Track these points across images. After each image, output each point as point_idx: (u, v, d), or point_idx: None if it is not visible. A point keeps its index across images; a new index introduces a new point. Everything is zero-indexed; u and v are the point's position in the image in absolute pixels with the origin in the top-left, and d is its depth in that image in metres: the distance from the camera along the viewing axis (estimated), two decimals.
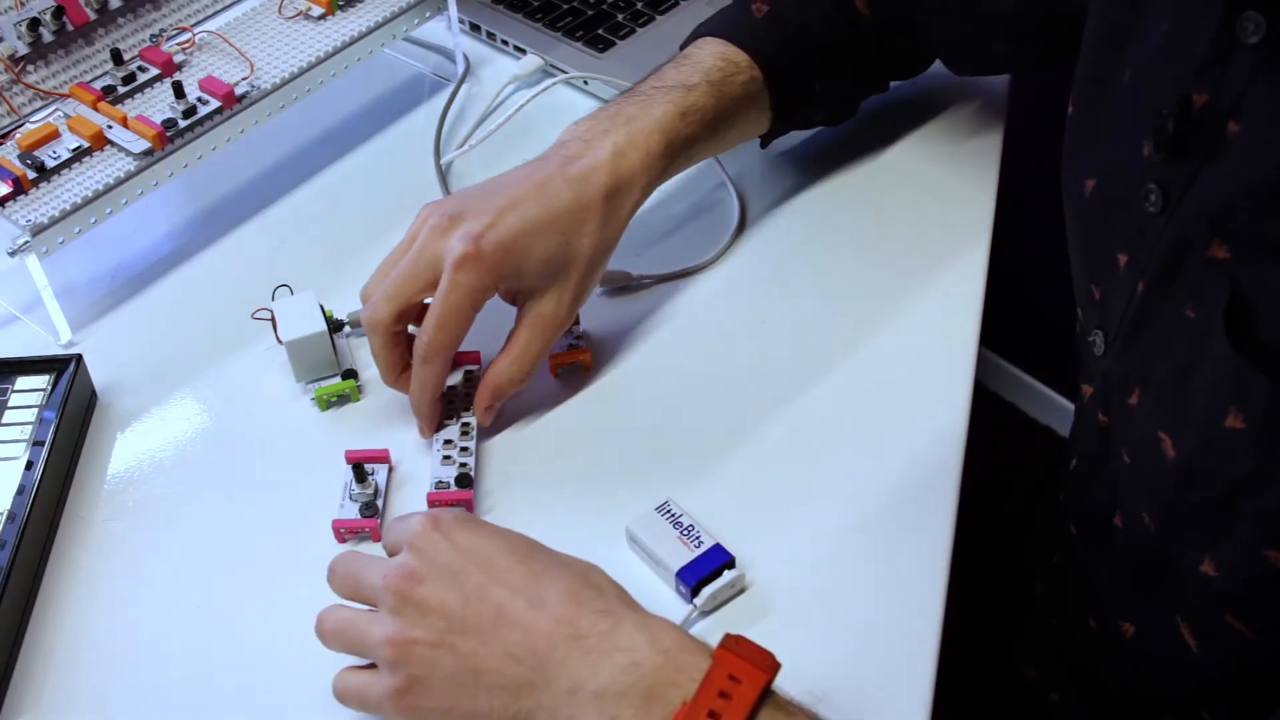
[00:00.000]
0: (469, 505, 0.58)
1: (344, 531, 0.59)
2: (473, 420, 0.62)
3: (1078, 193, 0.59)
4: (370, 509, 0.60)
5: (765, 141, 0.77)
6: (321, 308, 0.66)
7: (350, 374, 0.66)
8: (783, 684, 0.48)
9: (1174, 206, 0.50)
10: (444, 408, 0.63)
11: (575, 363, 0.66)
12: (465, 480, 0.59)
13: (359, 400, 0.66)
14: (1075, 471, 0.64)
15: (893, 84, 0.81)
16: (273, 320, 0.66)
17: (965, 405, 0.65)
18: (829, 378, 0.67)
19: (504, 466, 0.62)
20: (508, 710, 0.47)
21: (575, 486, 0.62)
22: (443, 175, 0.79)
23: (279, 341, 0.65)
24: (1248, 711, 0.55)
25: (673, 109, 0.66)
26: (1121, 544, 0.58)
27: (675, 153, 0.66)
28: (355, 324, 0.68)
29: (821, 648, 0.55)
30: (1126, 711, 0.64)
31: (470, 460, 0.60)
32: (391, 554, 0.52)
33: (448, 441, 0.61)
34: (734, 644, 0.46)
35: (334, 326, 0.67)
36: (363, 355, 0.67)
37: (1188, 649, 0.54)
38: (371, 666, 0.50)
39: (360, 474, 0.60)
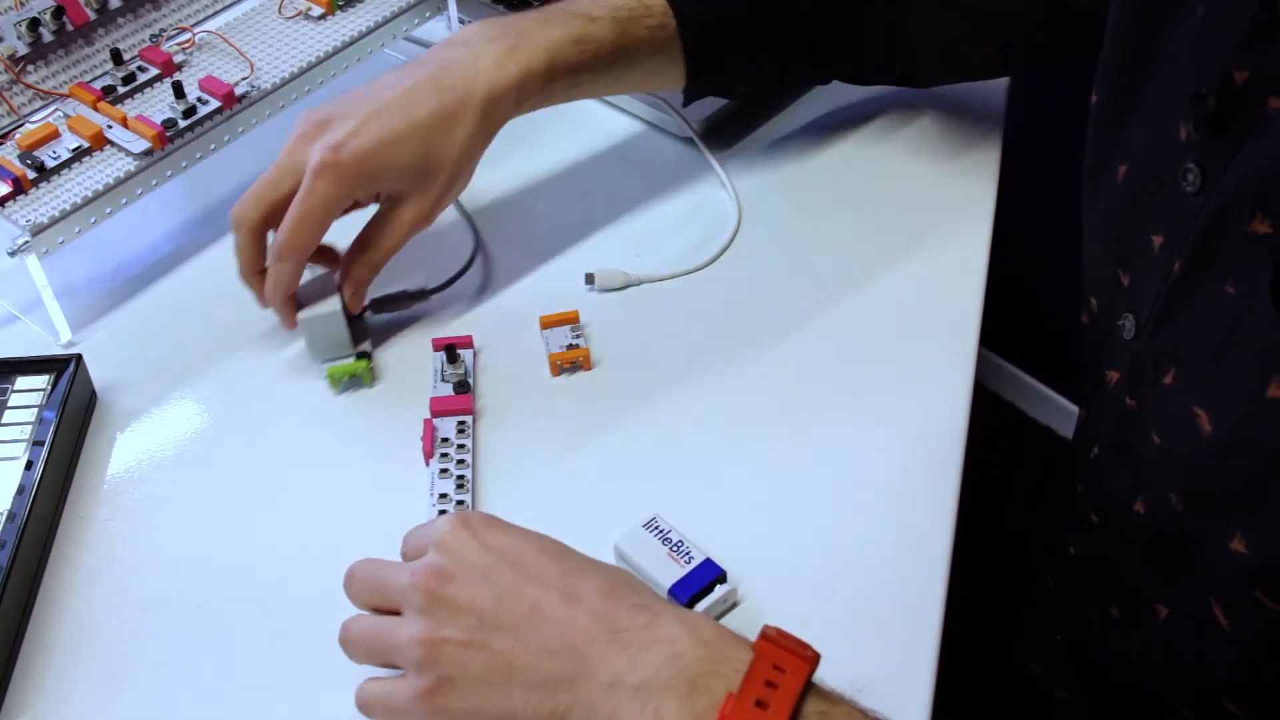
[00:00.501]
0: None
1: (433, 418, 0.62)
2: (468, 473, 0.61)
3: (1107, 180, 0.59)
4: (463, 386, 0.64)
5: (686, 98, 0.76)
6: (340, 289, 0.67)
7: (364, 355, 0.67)
8: None
9: (1213, 185, 0.50)
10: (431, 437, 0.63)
11: (575, 361, 0.66)
12: None
13: (371, 384, 0.66)
14: (1097, 459, 0.63)
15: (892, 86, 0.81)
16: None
17: (965, 405, 0.65)
18: (827, 378, 0.67)
19: (498, 507, 0.62)
20: (543, 707, 0.46)
21: (565, 510, 0.60)
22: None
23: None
24: (1273, 696, 0.55)
25: (567, 34, 0.66)
26: (1147, 528, 0.58)
27: (557, 76, 0.66)
28: (375, 304, 0.69)
29: (820, 656, 0.55)
30: (1138, 704, 0.63)
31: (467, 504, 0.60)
32: (413, 558, 0.51)
33: (443, 495, 0.60)
34: (775, 635, 0.46)
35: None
36: (379, 338, 0.69)
37: (1220, 629, 0.54)
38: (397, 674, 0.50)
39: (452, 355, 0.64)
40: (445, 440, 0.62)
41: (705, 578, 0.55)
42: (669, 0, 0.70)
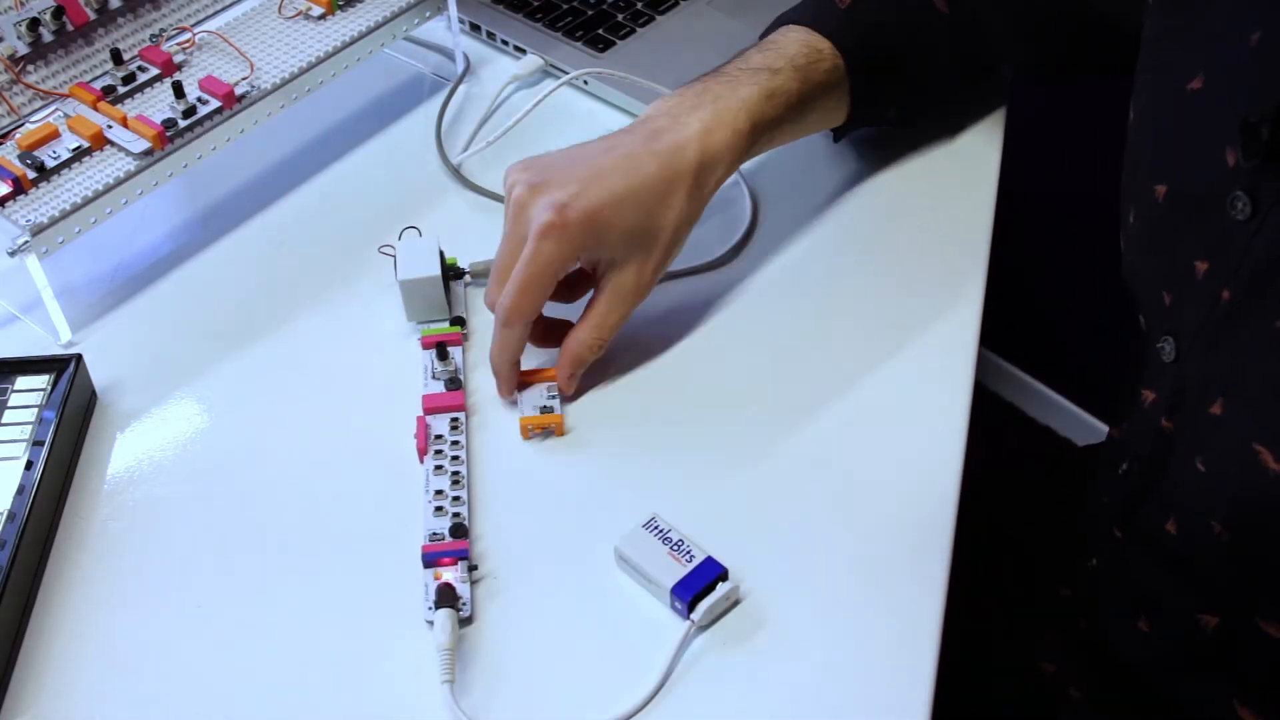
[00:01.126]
0: (465, 555, 0.58)
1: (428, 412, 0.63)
2: (463, 469, 0.61)
3: (1146, 198, 0.58)
4: (455, 383, 0.64)
5: (838, 134, 0.77)
6: (443, 254, 0.68)
7: (458, 320, 0.69)
8: (781, 688, 0.48)
9: (1264, 214, 0.50)
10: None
11: (547, 427, 0.64)
12: (460, 530, 0.58)
13: (463, 345, 0.68)
14: (1126, 475, 0.63)
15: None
16: (394, 258, 0.69)
17: (965, 405, 0.65)
18: (827, 379, 0.67)
19: (496, 511, 0.62)
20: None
21: (563, 513, 0.61)
22: (455, 172, 0.79)
23: (396, 280, 0.68)
24: None
25: (759, 90, 0.67)
26: (1180, 548, 0.57)
27: (759, 133, 0.67)
28: (476, 274, 0.71)
29: (820, 654, 0.55)
30: (1156, 706, 0.63)
31: (463, 509, 0.60)
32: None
33: (439, 492, 0.60)
34: None
35: (454, 274, 0.70)
36: (475, 303, 0.70)
37: (1268, 639, 0.54)
38: None
39: (442, 353, 0.65)
40: (439, 437, 0.62)
41: (707, 576, 0.55)
42: (832, 40, 0.71)
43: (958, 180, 0.78)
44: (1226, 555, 0.55)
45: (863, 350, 0.68)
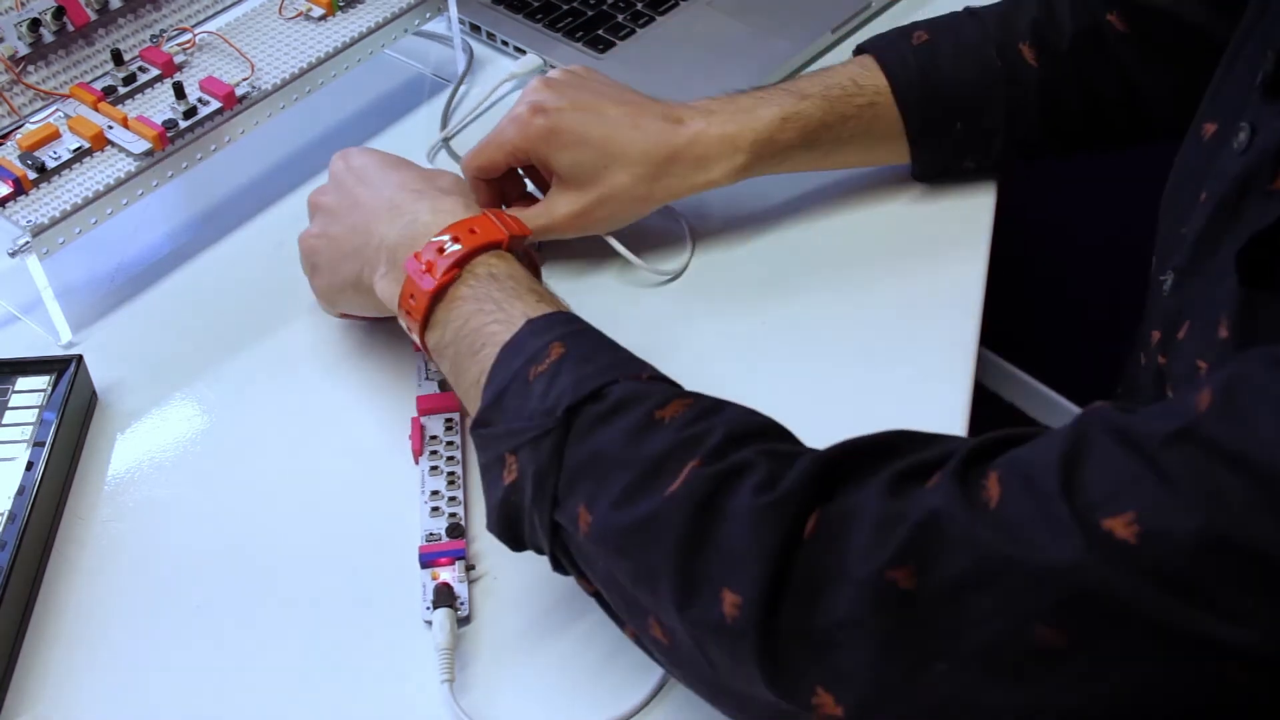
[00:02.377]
0: (463, 555, 0.58)
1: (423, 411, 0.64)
2: (459, 469, 0.61)
3: (1196, 138, 0.59)
4: (448, 384, 0.63)
5: (917, 174, 0.76)
6: None
7: None
8: None
9: (1253, 144, 0.50)
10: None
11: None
12: (456, 530, 0.58)
13: None
14: None
15: None
16: None
17: (965, 405, 0.65)
18: (827, 378, 0.67)
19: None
20: (354, 271, 0.61)
21: None
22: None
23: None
24: None
25: (776, 113, 0.69)
26: None
27: (762, 155, 0.69)
28: None
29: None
30: None
31: (459, 509, 0.60)
32: None
33: (435, 493, 0.60)
34: (493, 212, 0.60)
35: None
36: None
37: None
38: None
39: None
40: (434, 438, 0.63)
41: None
42: (888, 74, 0.71)
43: (958, 181, 0.78)
44: None
45: (863, 350, 0.68)
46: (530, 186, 0.73)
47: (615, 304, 0.71)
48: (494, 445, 0.51)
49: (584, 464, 0.48)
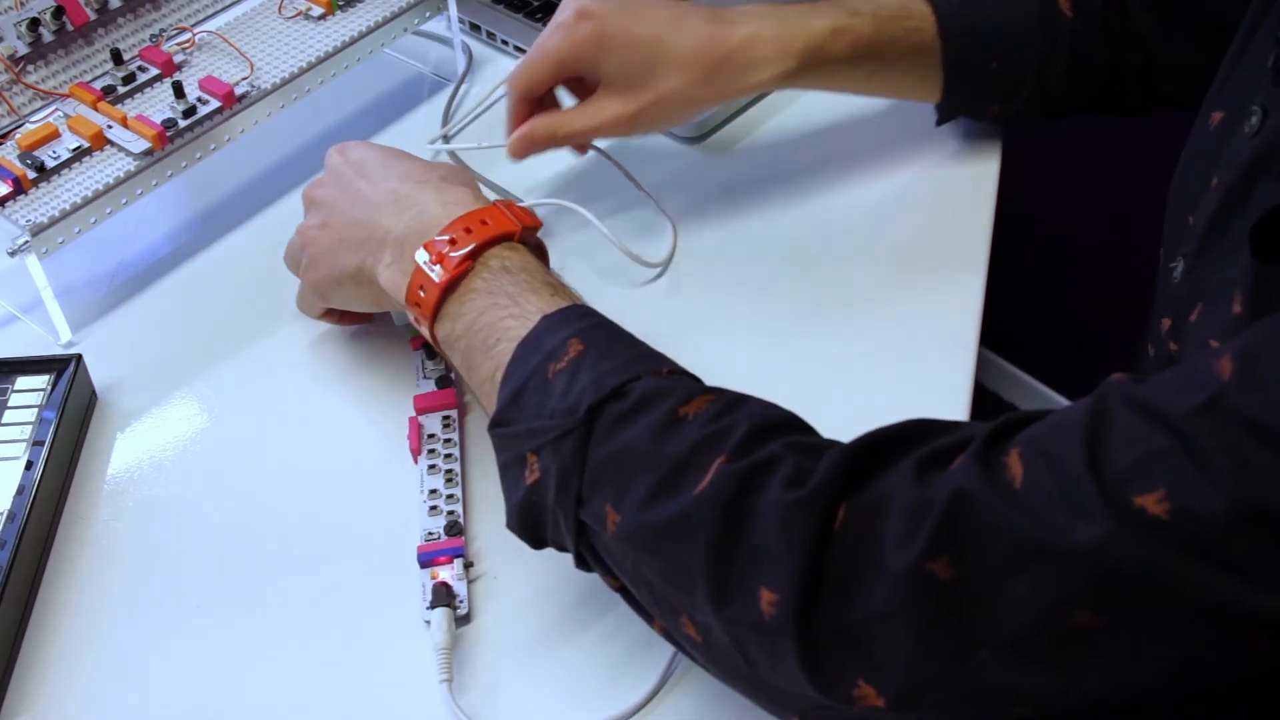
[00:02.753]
0: (461, 553, 0.58)
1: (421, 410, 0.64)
2: (457, 467, 0.61)
3: (1204, 126, 0.59)
4: (445, 381, 0.65)
5: (941, 116, 0.77)
6: None
7: None
8: None
9: (1264, 127, 0.51)
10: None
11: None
12: (455, 529, 0.58)
13: None
14: None
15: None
16: None
17: (965, 405, 0.65)
18: (827, 378, 0.67)
19: (491, 509, 0.61)
20: (355, 262, 0.60)
21: None
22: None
23: None
24: None
25: (828, 24, 0.69)
26: None
27: (811, 63, 0.69)
28: None
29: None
30: None
31: (458, 508, 0.60)
32: None
33: (433, 491, 0.60)
34: (504, 202, 0.59)
35: None
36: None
37: None
38: None
39: (431, 352, 0.66)
40: (432, 436, 0.63)
41: None
42: (934, 2, 0.71)
43: (958, 180, 0.78)
44: None
45: (863, 350, 0.68)
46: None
47: (600, 306, 0.71)
48: (514, 444, 0.51)
49: (608, 463, 0.48)
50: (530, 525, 0.52)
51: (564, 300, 0.55)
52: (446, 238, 0.56)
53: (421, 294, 0.56)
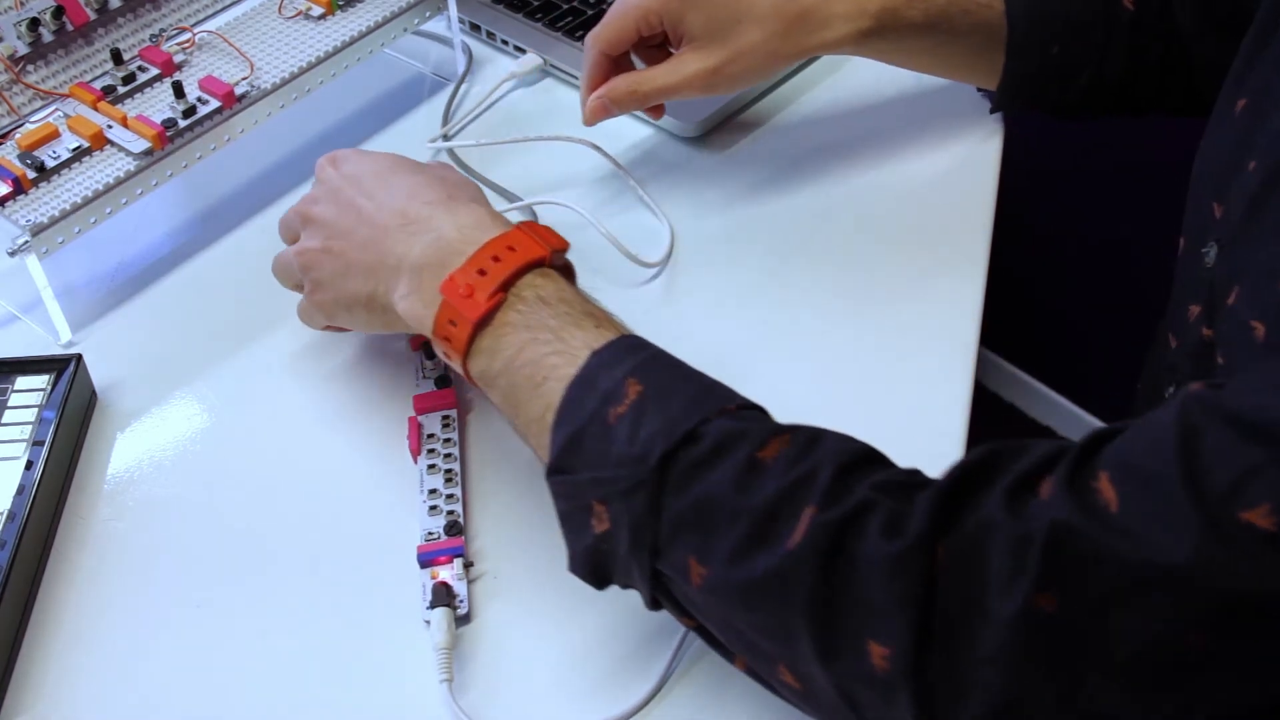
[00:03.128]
0: (461, 553, 0.58)
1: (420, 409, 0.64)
2: (456, 467, 0.61)
3: (1227, 115, 0.59)
4: (444, 381, 0.65)
5: (998, 100, 0.78)
6: None
7: None
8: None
9: None
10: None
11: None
12: (454, 528, 0.58)
13: None
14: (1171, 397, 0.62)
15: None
16: None
17: (965, 405, 0.65)
18: (827, 378, 0.67)
19: (491, 509, 0.62)
20: (366, 290, 0.58)
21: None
22: (463, 166, 0.80)
23: None
24: None
25: None
26: None
27: (885, 26, 0.70)
28: None
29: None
30: None
31: (457, 507, 0.60)
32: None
33: (433, 491, 0.60)
34: (528, 224, 0.56)
35: None
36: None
37: None
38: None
39: (430, 351, 0.65)
40: (431, 436, 0.63)
41: None
42: None
43: (958, 180, 0.78)
44: None
45: (863, 350, 0.68)
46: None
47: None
48: (578, 494, 0.49)
49: (688, 514, 0.46)
50: (596, 571, 0.50)
51: (609, 331, 0.52)
52: (473, 266, 0.53)
53: (452, 328, 0.53)
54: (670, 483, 0.46)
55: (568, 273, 0.58)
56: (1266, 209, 0.51)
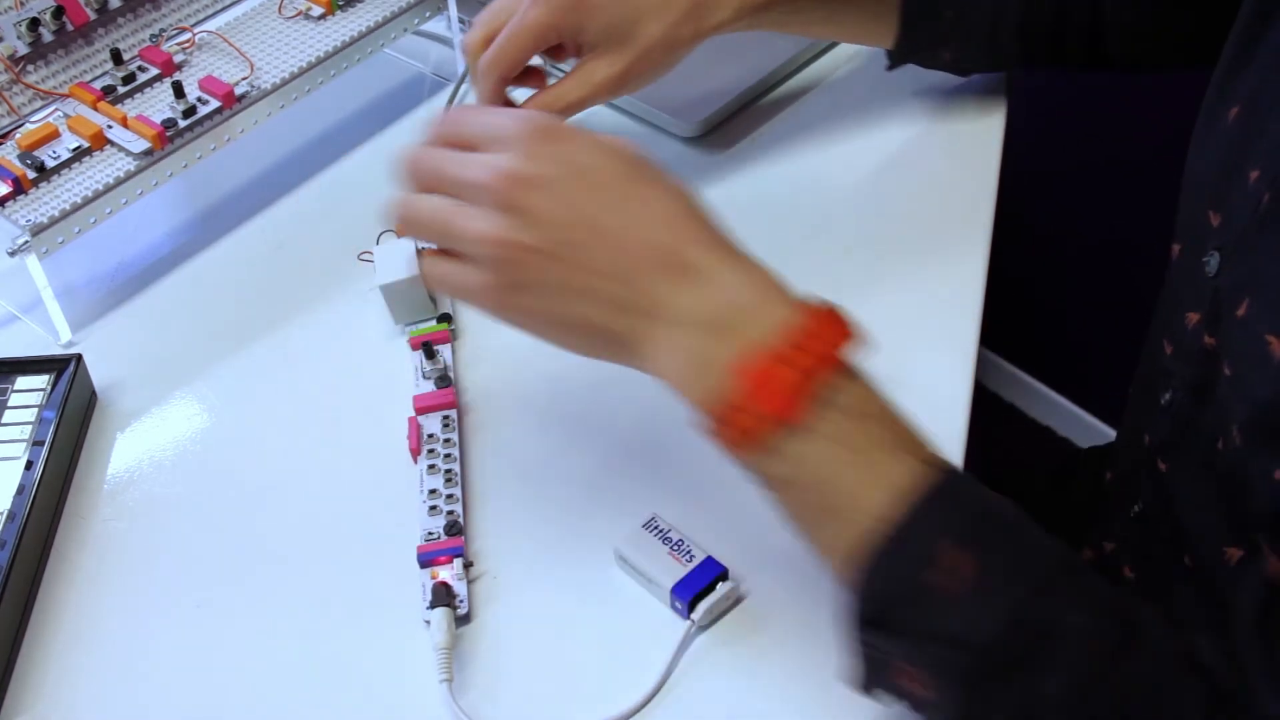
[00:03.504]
0: (461, 553, 0.58)
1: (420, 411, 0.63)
2: (456, 467, 0.61)
3: (1217, 126, 0.59)
4: (444, 381, 0.65)
5: (894, 58, 0.79)
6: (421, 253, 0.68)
7: (445, 318, 0.69)
8: (782, 687, 0.48)
9: None
10: None
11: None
12: (454, 529, 0.58)
13: (448, 344, 0.68)
14: (1171, 404, 0.61)
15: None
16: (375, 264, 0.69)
17: (965, 405, 0.65)
18: None
19: (491, 509, 0.62)
20: (601, 321, 0.50)
21: (561, 514, 0.61)
22: None
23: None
24: None
25: None
26: (1219, 468, 0.56)
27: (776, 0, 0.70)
28: None
29: (821, 653, 0.55)
30: None
31: (457, 508, 0.60)
32: (468, 146, 0.53)
33: (433, 491, 0.60)
34: (823, 306, 0.49)
35: None
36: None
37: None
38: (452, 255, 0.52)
39: (430, 352, 0.65)
40: (431, 437, 0.63)
41: (707, 576, 0.55)
42: None
43: (958, 180, 0.78)
44: (1238, 468, 0.53)
45: (862, 351, 0.68)
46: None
47: None
48: (894, 654, 0.47)
49: (1024, 712, 0.45)
50: (895, 696, 0.49)
51: (913, 459, 0.48)
52: (774, 352, 0.47)
53: (742, 416, 0.47)
54: (1004, 672, 0.45)
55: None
56: (1275, 220, 0.51)
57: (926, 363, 0.67)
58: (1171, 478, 0.62)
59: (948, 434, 0.63)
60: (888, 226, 0.75)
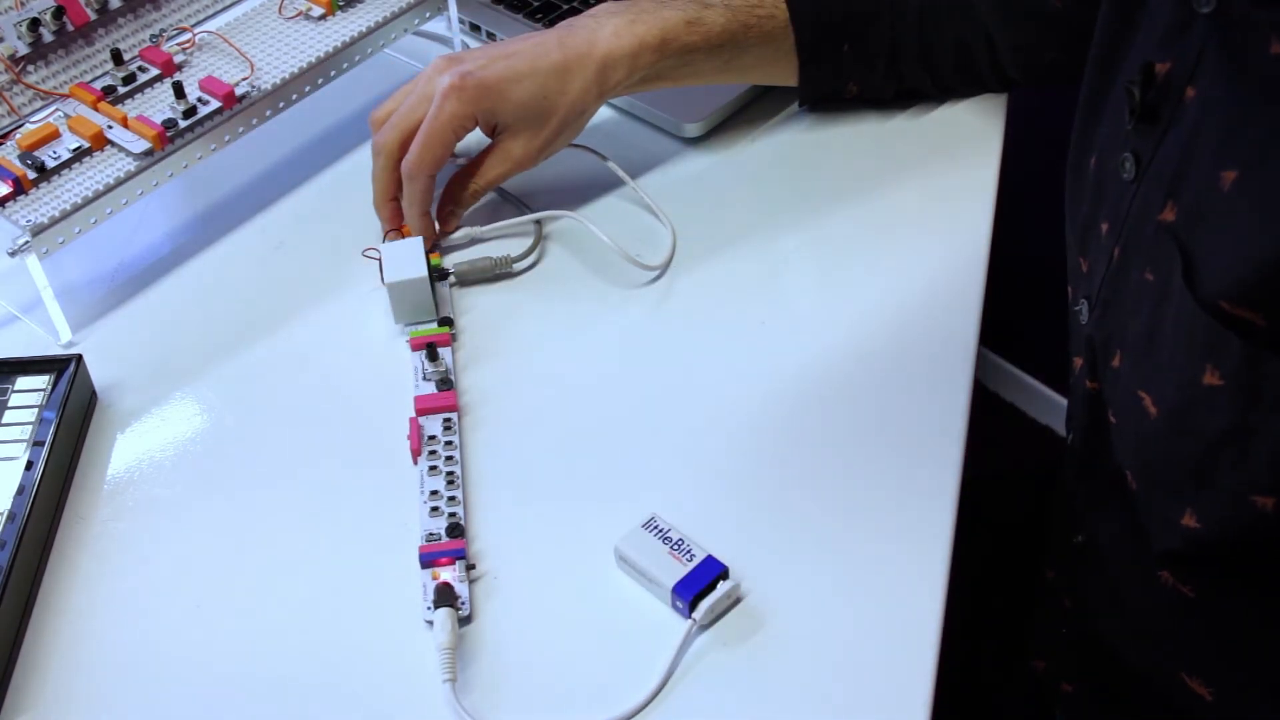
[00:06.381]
0: (463, 555, 0.57)
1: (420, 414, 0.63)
2: (457, 469, 0.61)
3: (1083, 171, 0.61)
4: (446, 383, 0.65)
5: (802, 98, 0.80)
6: (428, 255, 0.69)
7: (446, 321, 0.69)
8: (782, 687, 0.48)
9: (1143, 172, 0.53)
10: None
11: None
12: (456, 530, 0.58)
13: (449, 347, 0.68)
14: (1072, 445, 0.66)
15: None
16: (379, 261, 0.69)
17: (965, 405, 0.65)
18: (828, 377, 0.67)
19: (492, 510, 0.62)
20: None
21: (561, 514, 0.61)
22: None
23: (382, 283, 0.68)
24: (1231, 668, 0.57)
25: (681, 16, 0.72)
26: (1117, 506, 0.59)
27: (669, 53, 0.72)
28: (460, 274, 0.72)
29: (821, 653, 0.55)
30: (1141, 690, 0.64)
31: (459, 509, 0.60)
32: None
33: (434, 493, 0.60)
34: None
35: (438, 274, 0.70)
36: (462, 304, 0.71)
37: (1185, 599, 0.56)
38: None
39: (432, 354, 0.65)
40: (432, 438, 0.63)
41: (708, 575, 0.55)
42: None
43: (957, 180, 0.78)
44: (1143, 509, 0.57)
45: (863, 351, 0.68)
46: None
47: (599, 308, 0.71)
48: None
49: None
50: None
51: None
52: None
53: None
54: None
55: None
56: (1127, 278, 0.54)
57: (927, 363, 0.67)
58: (1086, 513, 0.66)
59: (948, 434, 0.63)
60: (887, 226, 0.75)
